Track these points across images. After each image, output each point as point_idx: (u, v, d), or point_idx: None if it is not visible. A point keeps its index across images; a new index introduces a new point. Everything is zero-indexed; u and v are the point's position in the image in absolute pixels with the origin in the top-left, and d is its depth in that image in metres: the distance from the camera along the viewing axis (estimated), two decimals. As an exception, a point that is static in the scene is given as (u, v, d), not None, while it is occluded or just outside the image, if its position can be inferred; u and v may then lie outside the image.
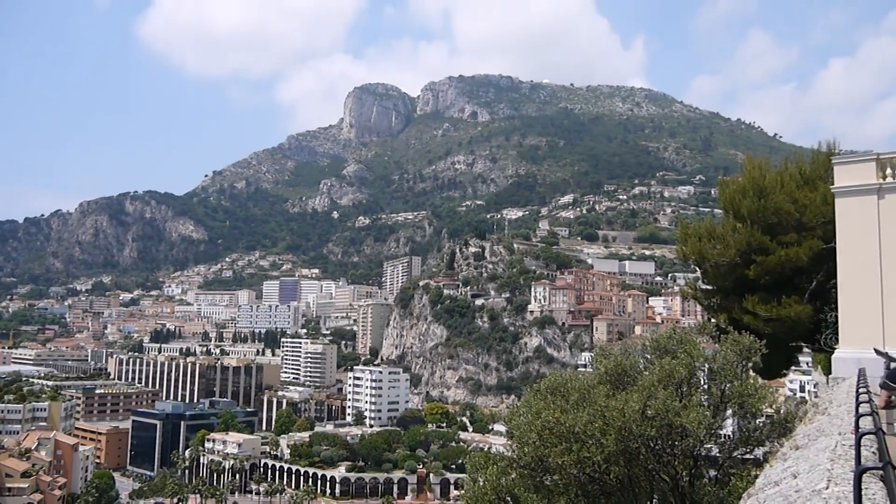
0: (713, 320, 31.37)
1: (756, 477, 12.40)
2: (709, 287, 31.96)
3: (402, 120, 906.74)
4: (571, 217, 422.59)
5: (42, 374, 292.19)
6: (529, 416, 17.25)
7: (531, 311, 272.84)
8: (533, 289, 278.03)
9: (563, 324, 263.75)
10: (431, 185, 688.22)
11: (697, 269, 32.74)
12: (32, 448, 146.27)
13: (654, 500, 18.18)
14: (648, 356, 19.55)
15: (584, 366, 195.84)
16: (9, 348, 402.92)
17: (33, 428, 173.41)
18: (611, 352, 18.58)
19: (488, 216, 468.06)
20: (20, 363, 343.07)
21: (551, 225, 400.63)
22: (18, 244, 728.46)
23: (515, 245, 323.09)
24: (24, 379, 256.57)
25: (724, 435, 19.23)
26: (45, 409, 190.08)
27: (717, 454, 18.83)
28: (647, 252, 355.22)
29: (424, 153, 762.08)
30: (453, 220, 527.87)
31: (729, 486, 16.86)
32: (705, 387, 18.56)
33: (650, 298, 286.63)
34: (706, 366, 18.37)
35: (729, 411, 18.67)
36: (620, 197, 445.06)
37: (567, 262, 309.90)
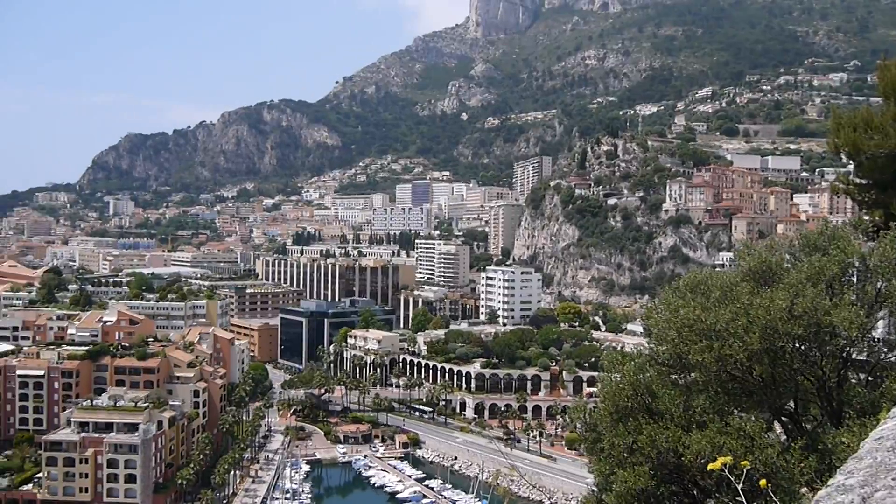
0: (867, 217, 29.42)
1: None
2: (863, 181, 29.81)
3: (530, 15, 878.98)
4: (710, 111, 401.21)
5: (198, 275, 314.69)
6: (668, 314, 17.01)
7: (666, 210, 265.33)
8: (668, 187, 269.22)
9: (700, 223, 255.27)
10: (561, 82, 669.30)
11: (850, 161, 30.52)
12: (195, 342, 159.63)
13: (799, 400, 17.76)
14: (796, 253, 18.68)
15: (722, 266, 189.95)
16: (168, 251, 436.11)
17: (194, 324, 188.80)
18: (755, 248, 17.87)
19: (621, 113, 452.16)
20: (178, 265, 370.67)
21: (688, 120, 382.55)
22: (170, 155, 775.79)
23: (649, 142, 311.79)
24: (183, 279, 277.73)
25: (877, 338, 18.29)
26: (203, 307, 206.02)
27: (867, 357, 17.99)
28: (793, 146, 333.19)
29: (553, 49, 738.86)
30: (584, 117, 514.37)
31: (882, 388, 16.17)
32: (858, 285, 17.61)
33: (795, 195, 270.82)
34: (860, 263, 17.36)
35: (883, 311, 17.66)
36: (764, 87, 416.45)
37: (704, 159, 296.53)
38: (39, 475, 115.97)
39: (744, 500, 6.93)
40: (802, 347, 16.31)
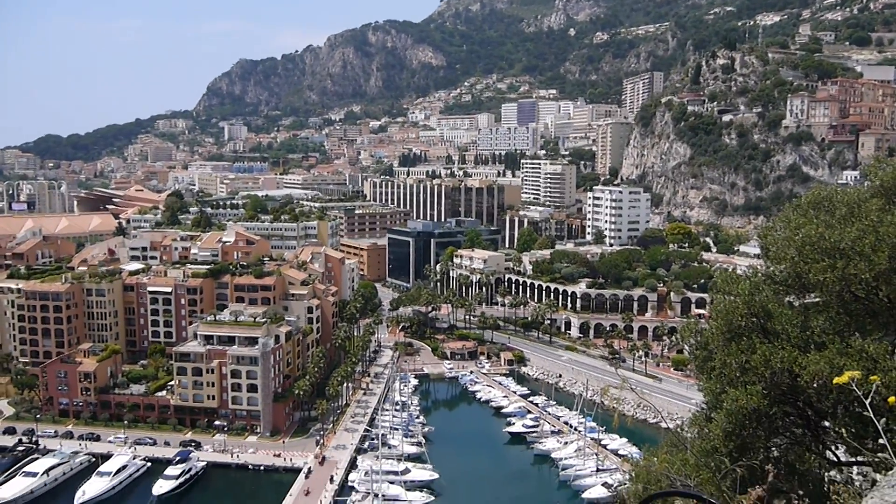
0: None
1: None
2: None
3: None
4: (839, 19, 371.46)
5: (309, 197, 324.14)
6: (787, 231, 16.33)
7: (785, 127, 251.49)
8: (789, 102, 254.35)
9: (823, 140, 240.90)
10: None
11: None
12: (307, 261, 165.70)
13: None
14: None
15: (846, 185, 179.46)
16: (280, 174, 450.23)
17: (306, 244, 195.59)
18: (888, 162, 16.78)
19: (739, 24, 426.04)
20: (290, 187, 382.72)
21: (814, 29, 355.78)
22: (279, 80, 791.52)
23: (770, 54, 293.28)
24: (295, 201, 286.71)
25: None
26: (314, 228, 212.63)
27: None
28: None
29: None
30: (699, 29, 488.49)
31: None
32: None
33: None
34: None
35: None
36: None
37: (831, 71, 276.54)
38: (172, 383, 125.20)
39: (871, 414, 6.78)
40: (935, 267, 15.41)
